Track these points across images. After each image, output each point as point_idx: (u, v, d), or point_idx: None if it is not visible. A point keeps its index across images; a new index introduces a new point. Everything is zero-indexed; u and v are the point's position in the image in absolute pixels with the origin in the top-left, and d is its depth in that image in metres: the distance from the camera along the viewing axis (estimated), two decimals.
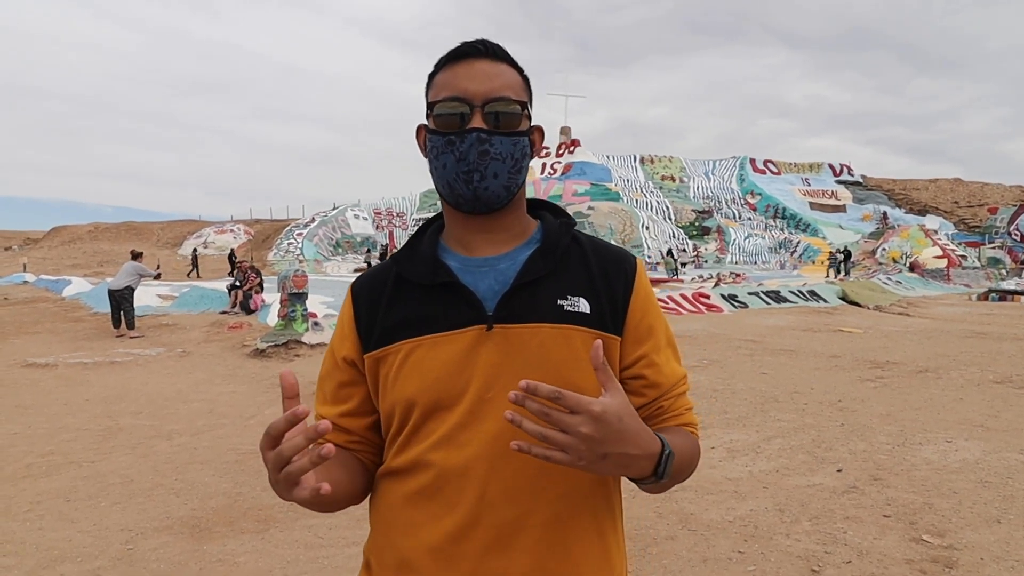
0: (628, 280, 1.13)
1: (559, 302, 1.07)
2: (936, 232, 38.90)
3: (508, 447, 0.92)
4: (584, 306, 1.08)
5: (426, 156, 1.12)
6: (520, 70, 1.13)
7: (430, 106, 1.10)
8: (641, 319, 1.12)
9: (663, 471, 0.95)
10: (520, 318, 1.05)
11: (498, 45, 1.10)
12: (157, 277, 13.74)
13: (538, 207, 1.22)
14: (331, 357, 1.17)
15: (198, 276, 32.78)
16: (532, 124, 1.13)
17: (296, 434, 0.84)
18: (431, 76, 1.12)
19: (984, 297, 21.79)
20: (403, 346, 1.07)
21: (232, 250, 37.89)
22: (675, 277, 29.69)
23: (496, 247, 1.12)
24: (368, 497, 1.19)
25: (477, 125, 1.05)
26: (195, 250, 40.41)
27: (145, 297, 15.45)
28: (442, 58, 1.11)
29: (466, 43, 1.10)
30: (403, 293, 1.11)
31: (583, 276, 1.11)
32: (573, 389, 0.89)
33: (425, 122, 1.12)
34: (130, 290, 12.51)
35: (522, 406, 0.84)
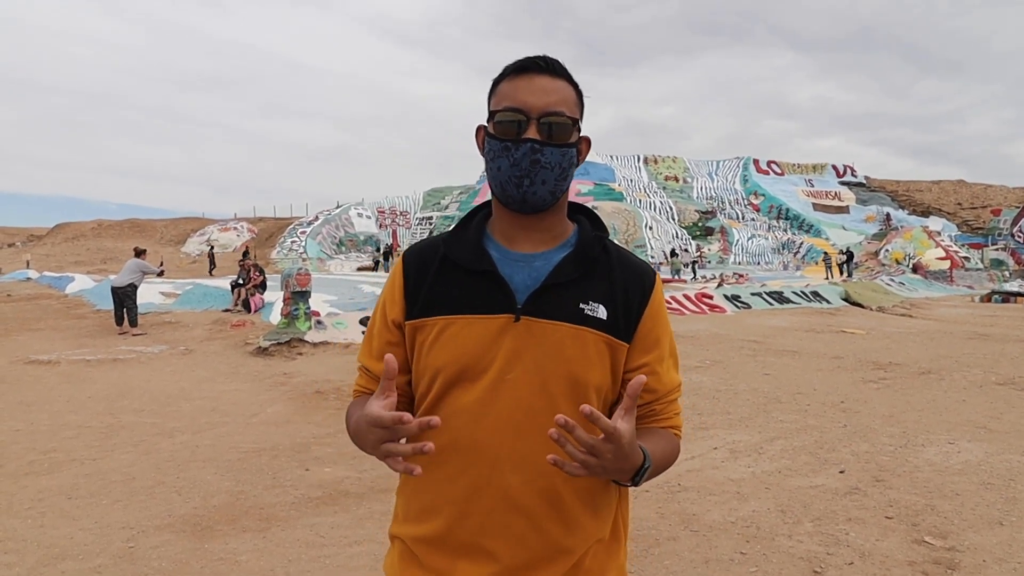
0: (645, 293, 1.27)
1: (581, 305, 1.21)
2: (939, 234, 38.82)
3: (519, 422, 1.17)
4: (602, 312, 1.21)
5: (483, 155, 1.26)
6: (576, 86, 1.24)
7: (492, 113, 1.22)
8: (650, 331, 1.26)
9: (639, 480, 1.13)
10: (545, 314, 1.19)
11: (557, 61, 1.22)
12: (160, 274, 13.77)
13: (577, 211, 1.35)
14: (382, 316, 1.31)
15: (210, 274, 32.87)
16: (580, 136, 1.25)
17: (410, 431, 1.04)
18: (495, 84, 1.25)
19: (987, 299, 21.74)
20: (440, 320, 1.22)
21: (247, 248, 37.99)
22: (677, 277, 29.62)
23: (535, 245, 1.26)
24: None
25: (531, 135, 1.17)
26: (212, 248, 40.41)
27: (148, 294, 15.47)
28: (506, 69, 1.23)
29: (528, 58, 1.22)
30: (447, 272, 1.25)
31: (605, 284, 1.24)
32: (579, 383, 1.18)
33: (485, 125, 1.25)
34: (133, 287, 12.53)
35: (570, 432, 0.99)
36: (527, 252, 1.24)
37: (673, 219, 47.63)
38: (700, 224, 47.42)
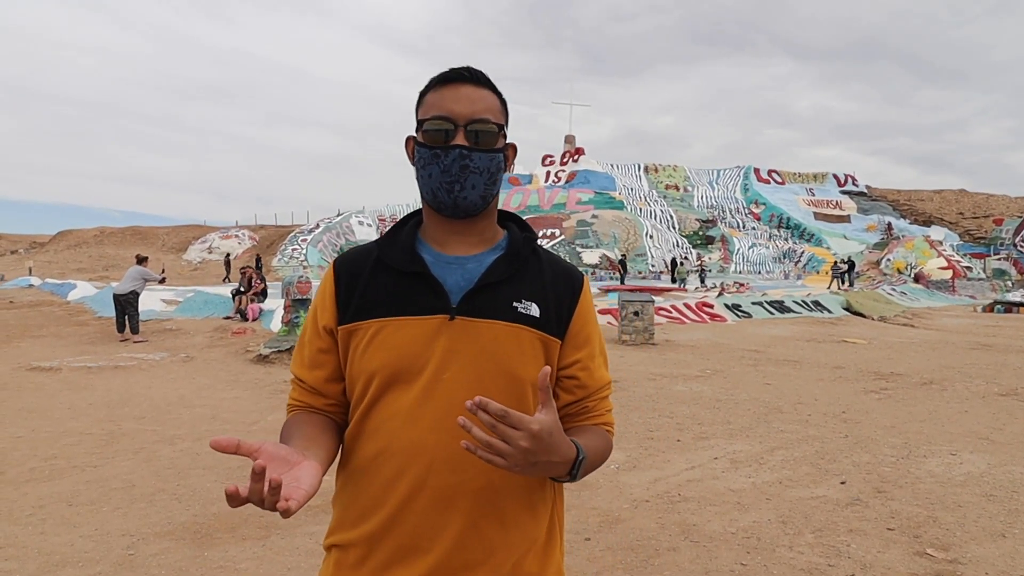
0: (575, 293, 1.31)
1: (514, 304, 1.24)
2: (941, 243, 38.84)
3: (455, 423, 1.10)
4: (535, 310, 1.25)
5: (413, 165, 1.29)
6: (499, 95, 1.29)
7: (420, 122, 1.26)
8: (581, 328, 1.30)
9: (576, 472, 1.14)
10: (479, 313, 1.22)
11: (481, 72, 1.27)
12: (162, 282, 13.77)
13: (506, 218, 1.39)
14: (313, 324, 1.30)
15: (226, 280, 32.87)
16: (507, 142, 1.30)
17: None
18: (421, 95, 1.29)
19: (989, 309, 21.74)
20: (374, 323, 1.22)
21: (258, 256, 38.04)
22: (682, 286, 29.55)
23: (467, 248, 1.28)
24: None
25: (460, 142, 1.21)
26: (228, 255, 40.38)
27: (149, 302, 15.49)
28: (432, 80, 1.27)
29: (453, 69, 1.26)
30: (381, 275, 1.26)
31: (537, 284, 1.28)
32: (516, 379, 1.21)
33: (415, 135, 1.29)
34: (135, 295, 12.55)
35: (475, 416, 0.99)
36: (459, 255, 1.27)
37: (674, 228, 47.69)
38: (701, 233, 47.46)
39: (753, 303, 17.90)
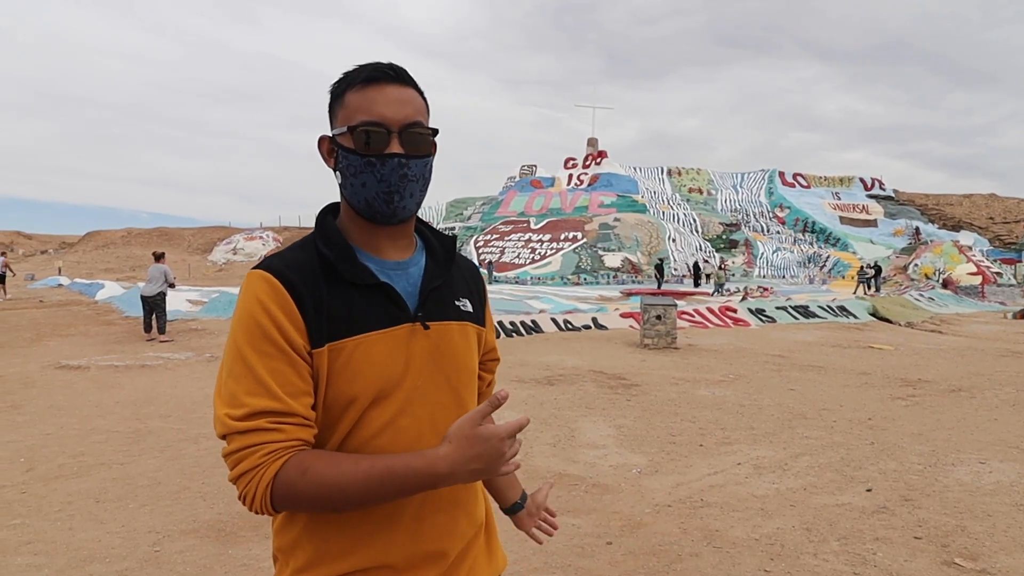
0: (482, 285, 1.42)
1: (456, 303, 1.29)
2: (970, 248, 38.16)
3: (436, 423, 1.19)
4: (469, 306, 1.32)
5: (333, 168, 1.21)
6: (422, 93, 1.23)
7: (350, 128, 1.15)
8: (490, 317, 1.43)
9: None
10: (436, 316, 1.24)
11: (404, 69, 1.19)
12: (172, 286, 13.54)
13: None
14: (283, 346, 1.10)
15: None
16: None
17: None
18: (339, 94, 1.19)
19: (1020, 315, 21.27)
20: (348, 343, 1.14)
21: None
22: (720, 292, 29.09)
23: (401, 252, 1.27)
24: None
25: (395, 150, 1.15)
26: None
27: (175, 302, 15.71)
28: (350, 77, 1.18)
29: (377, 67, 1.17)
30: (337, 290, 1.16)
31: (463, 281, 1.35)
32: (470, 372, 1.29)
33: (330, 136, 1.21)
34: (163, 296, 12.72)
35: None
36: (397, 260, 1.25)
37: (697, 231, 47.36)
38: (724, 237, 47.09)
39: (777, 308, 17.72)
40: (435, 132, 1.23)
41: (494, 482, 1.51)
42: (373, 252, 1.23)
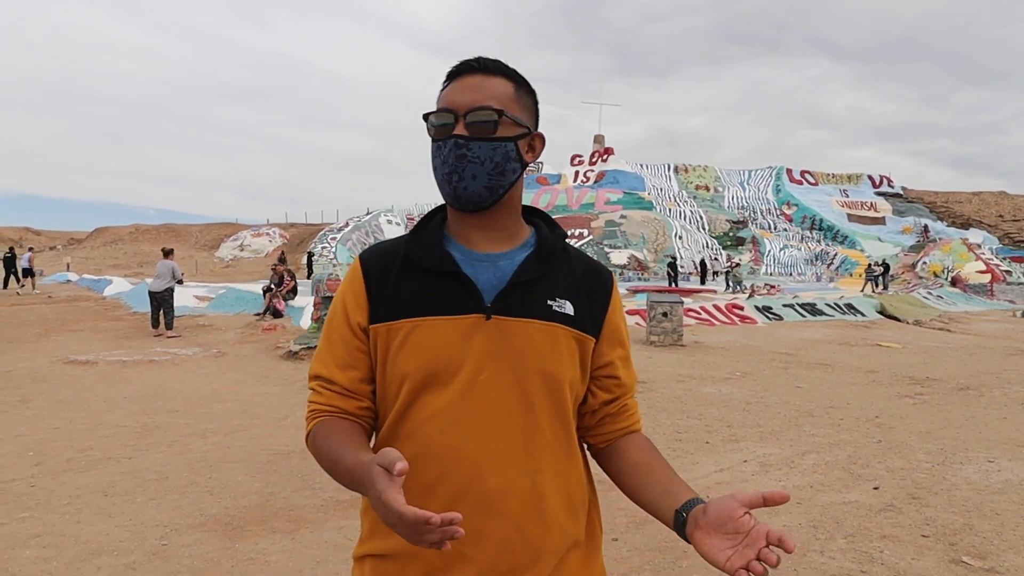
0: (606, 291, 1.29)
1: (548, 302, 1.21)
2: (979, 246, 37.92)
3: (496, 424, 1.15)
4: (569, 308, 1.22)
5: None
6: (517, 81, 1.24)
7: (424, 117, 1.23)
8: (616, 327, 1.29)
9: None
10: (514, 312, 1.19)
11: (496, 61, 1.23)
12: (180, 282, 13.61)
13: (533, 214, 1.35)
14: (343, 321, 1.24)
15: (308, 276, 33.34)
16: (532, 132, 1.25)
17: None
18: (440, 92, 1.25)
19: None
20: (406, 323, 1.18)
21: (283, 253, 38.36)
22: (740, 288, 28.71)
23: (495, 245, 1.24)
24: None
25: (459, 132, 1.18)
26: (310, 254, 40.60)
27: (182, 298, 15.77)
28: (446, 75, 1.24)
29: (463, 61, 1.23)
30: (410, 274, 1.22)
31: (570, 282, 1.25)
32: (553, 379, 1.18)
33: None
34: (170, 292, 12.78)
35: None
36: (489, 252, 1.23)
37: (703, 229, 47.21)
38: (731, 234, 46.92)
39: (784, 305, 17.66)
40: (501, 113, 1.18)
41: (633, 486, 1.25)
42: (463, 242, 1.24)
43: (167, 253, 13.36)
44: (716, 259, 41.25)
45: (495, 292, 1.19)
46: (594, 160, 56.25)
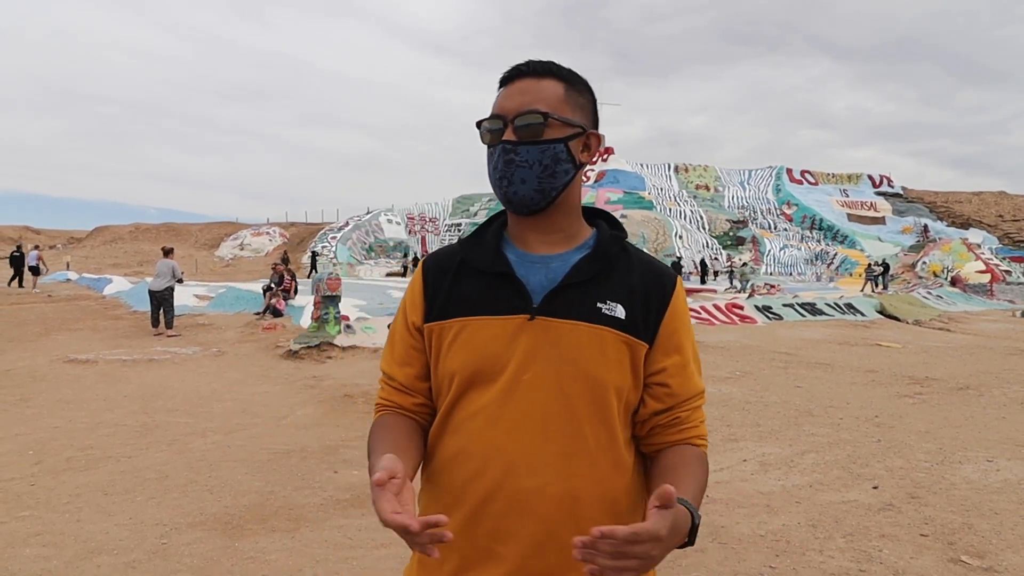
0: (665, 295, 1.24)
1: (598, 305, 1.19)
2: (979, 246, 37.92)
3: (535, 425, 1.15)
4: (620, 312, 1.19)
5: None
6: (569, 81, 1.23)
7: (476, 125, 1.25)
8: (672, 333, 1.23)
9: (692, 538, 1.05)
10: (561, 313, 1.18)
11: (546, 62, 1.23)
12: (180, 281, 13.58)
13: (595, 215, 1.35)
14: (403, 321, 1.32)
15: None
16: (587, 131, 1.24)
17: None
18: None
19: None
20: (456, 323, 1.22)
21: (313, 252, 38.39)
22: (749, 287, 28.55)
23: (551, 247, 1.25)
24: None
25: (507, 138, 1.19)
26: (314, 254, 40.64)
27: (182, 297, 15.76)
28: (499, 82, 1.26)
29: (513, 67, 1.24)
30: (465, 276, 1.25)
31: (624, 285, 1.22)
32: (597, 383, 1.16)
33: None
34: (170, 291, 12.78)
35: (593, 550, 0.92)
36: (544, 254, 1.24)
37: (704, 228, 47.23)
38: (731, 234, 46.94)
39: (784, 305, 17.65)
40: (546, 116, 1.19)
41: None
42: (520, 244, 1.27)
43: (167, 252, 13.35)
44: (716, 258, 41.25)
45: (544, 293, 1.20)
46: (594, 160, 56.21)
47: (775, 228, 50.24)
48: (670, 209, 49.14)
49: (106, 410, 6.78)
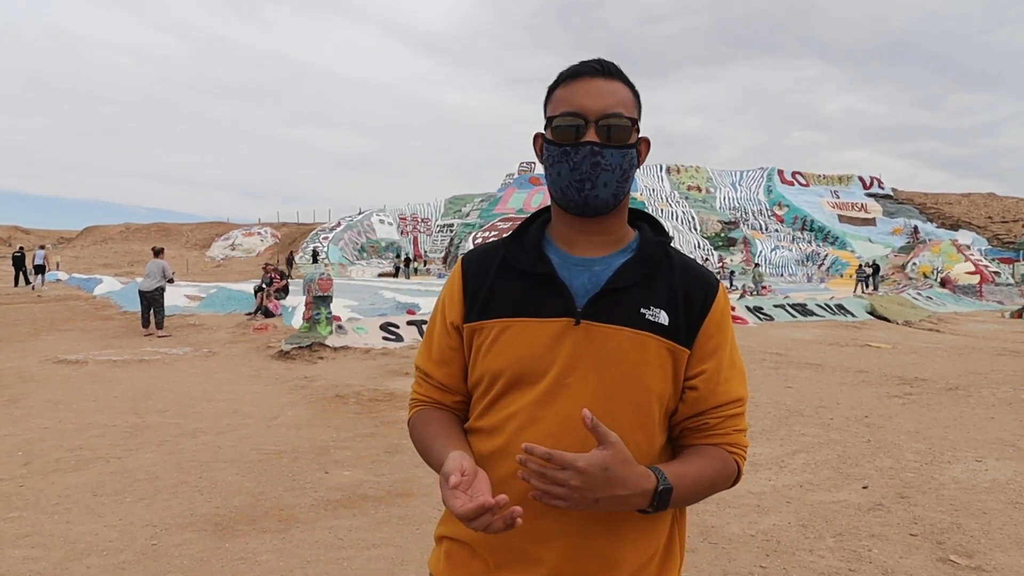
0: (707, 301, 1.23)
1: (642, 310, 1.18)
2: (969, 247, 38.20)
3: (576, 427, 1.10)
4: (663, 318, 1.19)
5: (542, 163, 1.26)
6: (632, 87, 1.23)
7: (549, 119, 1.22)
8: (710, 339, 1.22)
9: (657, 504, 1.09)
10: (605, 318, 1.17)
11: (613, 64, 1.22)
12: (171, 281, 13.51)
13: (639, 217, 1.34)
14: (441, 319, 1.30)
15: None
16: (640, 136, 1.24)
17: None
18: (550, 91, 1.24)
19: (1018, 315, 21.30)
20: (497, 323, 1.21)
21: (315, 250, 38.22)
22: (763, 288, 28.07)
23: (595, 249, 1.24)
24: None
25: (591, 139, 1.17)
26: (315, 251, 40.44)
27: (173, 297, 15.69)
28: (561, 75, 1.23)
29: (584, 63, 1.21)
30: (506, 275, 1.24)
31: (667, 290, 1.22)
32: (640, 389, 1.16)
33: (543, 132, 1.25)
34: (161, 291, 12.72)
35: (526, 466, 1.03)
36: (587, 256, 1.23)
37: (695, 229, 47.37)
38: (723, 235, 47.09)
39: (775, 306, 17.73)
40: (633, 122, 1.20)
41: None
42: (563, 246, 1.25)
43: (157, 252, 13.30)
44: (707, 260, 41.36)
45: (588, 296, 1.18)
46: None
47: (766, 229, 50.45)
48: (662, 210, 49.23)
49: (96, 411, 6.74)
